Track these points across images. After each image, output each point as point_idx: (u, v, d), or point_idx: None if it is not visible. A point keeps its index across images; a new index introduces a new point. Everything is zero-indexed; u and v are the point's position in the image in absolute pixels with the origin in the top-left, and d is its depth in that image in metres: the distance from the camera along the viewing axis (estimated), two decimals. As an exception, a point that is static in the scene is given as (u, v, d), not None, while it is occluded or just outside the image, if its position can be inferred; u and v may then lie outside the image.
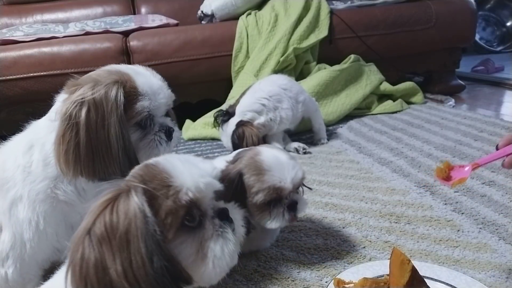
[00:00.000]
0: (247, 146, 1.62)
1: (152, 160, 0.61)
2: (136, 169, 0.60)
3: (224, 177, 0.90)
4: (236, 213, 0.66)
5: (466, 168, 0.76)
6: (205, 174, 0.60)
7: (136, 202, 0.53)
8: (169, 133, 0.87)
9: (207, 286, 0.61)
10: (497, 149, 0.75)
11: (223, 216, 0.62)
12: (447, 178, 0.77)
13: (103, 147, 0.75)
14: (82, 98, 0.74)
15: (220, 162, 0.96)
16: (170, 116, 0.92)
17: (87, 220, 0.53)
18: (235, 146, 1.68)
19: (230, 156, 0.97)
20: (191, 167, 0.59)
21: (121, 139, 0.76)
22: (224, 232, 0.60)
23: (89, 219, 0.53)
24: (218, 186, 0.62)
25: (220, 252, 0.58)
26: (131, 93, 0.79)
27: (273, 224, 0.90)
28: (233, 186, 0.87)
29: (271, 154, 0.91)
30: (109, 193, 0.55)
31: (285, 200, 0.90)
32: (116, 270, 0.50)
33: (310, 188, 1.05)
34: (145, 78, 0.83)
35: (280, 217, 0.90)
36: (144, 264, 0.51)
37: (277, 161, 0.89)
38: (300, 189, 0.96)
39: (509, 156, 0.72)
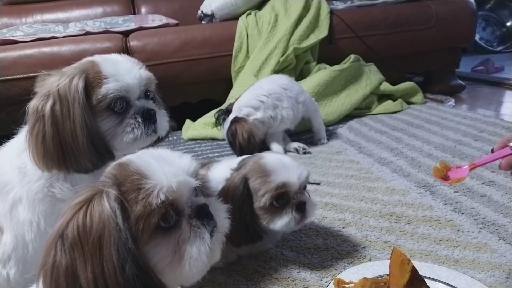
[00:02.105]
0: (239, 143, 1.62)
1: (126, 159, 0.59)
2: (110, 168, 0.58)
3: (229, 185, 0.89)
4: (218, 207, 0.64)
5: (464, 168, 0.77)
6: (180, 172, 0.57)
7: (109, 206, 0.51)
8: (148, 115, 0.82)
9: (188, 286, 0.61)
10: (492, 152, 0.76)
11: (202, 213, 0.59)
12: (444, 178, 0.78)
13: (70, 138, 0.75)
14: (48, 91, 0.75)
15: (225, 170, 0.95)
16: (155, 101, 0.89)
17: (60, 222, 0.52)
18: (231, 144, 1.68)
19: (234, 163, 0.97)
20: (165, 166, 0.57)
21: (85, 128, 0.75)
22: (202, 233, 0.57)
23: (63, 221, 0.51)
24: (194, 183, 0.60)
25: (197, 253, 0.56)
26: (96, 78, 0.77)
27: (283, 226, 0.89)
28: (238, 193, 0.87)
29: (274, 157, 0.92)
30: (83, 194, 0.53)
31: (292, 200, 0.89)
32: (87, 278, 0.49)
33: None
34: (112, 62, 0.81)
35: (290, 218, 0.89)
36: (115, 272, 0.49)
37: (281, 163, 0.90)
38: (308, 195, 0.96)
39: (505, 158, 0.73)
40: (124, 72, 0.80)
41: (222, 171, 0.96)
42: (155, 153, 0.60)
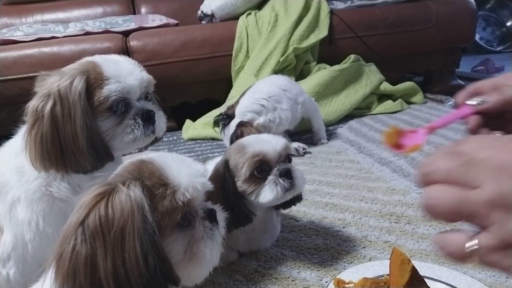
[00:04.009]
0: None
1: (146, 157, 0.60)
2: (129, 164, 0.59)
3: (213, 173, 0.90)
4: (220, 215, 0.66)
5: (421, 131, 0.60)
6: (199, 174, 0.60)
7: (135, 198, 0.51)
8: (148, 116, 0.82)
9: (191, 285, 0.61)
10: (456, 108, 0.61)
11: (212, 217, 0.61)
12: (397, 146, 0.63)
13: (70, 139, 0.74)
14: (48, 92, 0.75)
15: (214, 164, 0.96)
16: (153, 102, 0.89)
17: (79, 212, 0.51)
18: None
19: None
20: (186, 167, 0.59)
21: (86, 130, 0.75)
22: (214, 234, 0.60)
23: (82, 211, 0.51)
24: (211, 186, 0.62)
25: (210, 254, 0.58)
26: (97, 79, 0.77)
27: (269, 194, 0.87)
28: (220, 174, 0.88)
29: (251, 136, 0.95)
30: (102, 186, 0.54)
31: (274, 169, 0.88)
32: (106, 269, 0.49)
33: (298, 155, 1.05)
34: (113, 63, 0.81)
35: (274, 186, 0.87)
36: (138, 264, 0.49)
37: (257, 138, 0.93)
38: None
39: (470, 120, 0.58)
40: (126, 74, 0.80)
41: (213, 164, 0.97)
42: (174, 155, 0.61)
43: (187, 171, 0.58)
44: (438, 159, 0.39)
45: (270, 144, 0.90)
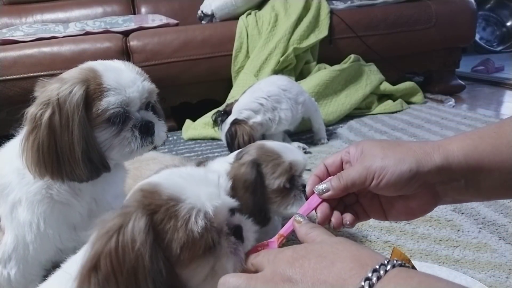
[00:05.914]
0: (238, 145, 1.62)
1: (155, 181, 0.56)
2: (138, 191, 0.55)
3: (235, 174, 0.89)
4: (249, 230, 0.61)
5: (272, 242, 0.60)
6: (215, 191, 0.54)
7: (140, 236, 0.49)
8: (146, 128, 0.81)
9: None
10: (305, 198, 0.61)
11: (238, 234, 0.57)
12: None
13: (67, 149, 0.73)
14: (47, 100, 0.74)
15: (222, 164, 0.95)
16: (156, 110, 0.88)
17: (92, 251, 0.49)
18: (228, 145, 1.68)
19: (230, 158, 0.97)
20: (199, 187, 0.54)
21: (82, 141, 0.74)
22: (238, 250, 0.56)
23: (95, 252, 0.49)
24: (232, 204, 0.57)
25: (232, 271, 0.54)
26: (96, 90, 0.75)
27: (294, 208, 0.90)
28: (251, 178, 0.86)
29: (275, 143, 0.95)
30: (111, 220, 0.51)
31: (297, 182, 0.90)
32: None
33: (308, 170, 1.07)
34: (114, 73, 0.78)
35: (299, 200, 0.90)
36: None
37: (284, 146, 0.93)
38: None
39: (319, 210, 0.58)
40: (126, 85, 0.78)
41: (219, 165, 0.96)
42: (184, 173, 0.57)
43: (199, 192, 0.53)
44: (230, 278, 0.47)
45: (300, 155, 0.91)
